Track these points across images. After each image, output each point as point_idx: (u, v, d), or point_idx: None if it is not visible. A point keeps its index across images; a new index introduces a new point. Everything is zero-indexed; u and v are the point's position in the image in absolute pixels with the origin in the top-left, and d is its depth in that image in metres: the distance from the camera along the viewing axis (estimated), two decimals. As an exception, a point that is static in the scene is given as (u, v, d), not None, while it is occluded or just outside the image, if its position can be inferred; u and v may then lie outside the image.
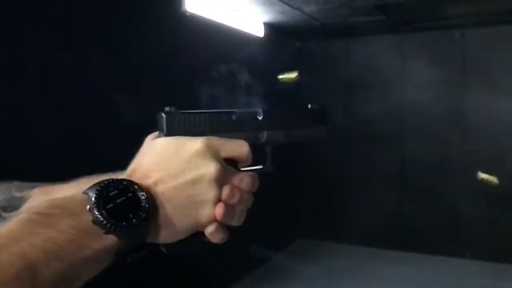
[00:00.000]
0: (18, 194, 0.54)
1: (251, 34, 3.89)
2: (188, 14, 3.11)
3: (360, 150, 4.69)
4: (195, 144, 0.54)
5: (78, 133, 2.32)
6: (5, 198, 0.55)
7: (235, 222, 0.56)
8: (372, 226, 4.65)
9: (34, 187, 0.58)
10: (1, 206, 0.56)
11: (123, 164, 0.57)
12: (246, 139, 0.59)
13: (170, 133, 0.56)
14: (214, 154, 0.54)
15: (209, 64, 3.24)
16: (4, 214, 0.55)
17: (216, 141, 0.55)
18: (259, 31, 3.98)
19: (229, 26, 3.58)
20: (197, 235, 0.54)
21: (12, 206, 0.55)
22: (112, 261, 0.47)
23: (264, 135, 0.63)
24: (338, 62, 4.76)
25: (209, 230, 0.53)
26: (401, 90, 4.51)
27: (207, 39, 3.32)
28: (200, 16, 3.24)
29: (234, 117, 0.61)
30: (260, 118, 0.63)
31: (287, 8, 3.57)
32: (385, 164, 4.63)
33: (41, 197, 0.55)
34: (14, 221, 0.42)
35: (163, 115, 0.56)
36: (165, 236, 0.51)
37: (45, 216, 0.43)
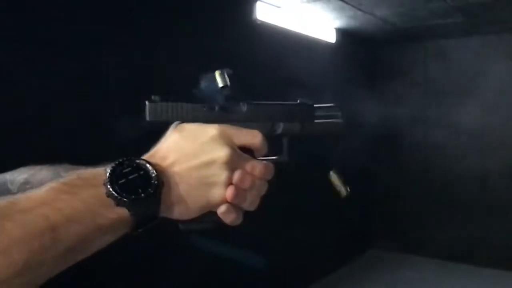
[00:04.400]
0: (64, 175, 0.62)
1: (322, 41, 3.89)
2: (259, 22, 3.18)
3: (441, 158, 4.48)
4: (210, 130, 0.59)
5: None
6: (52, 178, 0.63)
7: (247, 206, 0.60)
8: (453, 239, 4.40)
9: (77, 169, 0.65)
10: None
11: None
12: (261, 130, 0.63)
13: (152, 119, 0.63)
14: (227, 140, 0.59)
15: (280, 72, 3.29)
16: None
17: (229, 129, 0.60)
18: (331, 37, 3.97)
19: (300, 33, 3.61)
20: (211, 214, 0.59)
21: None
22: (126, 231, 0.53)
23: (280, 127, 0.66)
24: (415, 67, 4.59)
25: (221, 210, 0.58)
26: (483, 96, 4.24)
27: (279, 46, 3.38)
28: (271, 24, 3.30)
29: (245, 108, 0.65)
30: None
31: (359, 12, 3.53)
32: (468, 174, 4.36)
33: None
34: (44, 189, 0.50)
35: (146, 103, 0.64)
36: (178, 213, 0.57)
37: (70, 186, 0.50)
